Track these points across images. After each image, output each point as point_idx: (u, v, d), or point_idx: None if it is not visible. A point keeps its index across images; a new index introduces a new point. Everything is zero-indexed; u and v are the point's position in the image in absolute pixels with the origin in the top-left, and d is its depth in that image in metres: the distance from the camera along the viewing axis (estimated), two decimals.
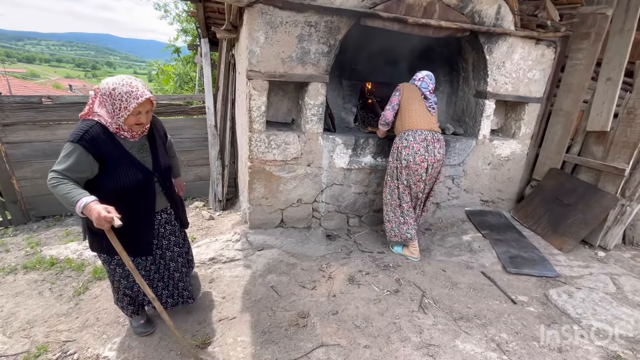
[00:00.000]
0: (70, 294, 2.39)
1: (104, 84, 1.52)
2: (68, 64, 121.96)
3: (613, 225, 3.00)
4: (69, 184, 1.44)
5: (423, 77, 2.73)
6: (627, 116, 2.91)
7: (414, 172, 2.60)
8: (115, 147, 1.58)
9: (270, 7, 2.40)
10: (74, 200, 1.40)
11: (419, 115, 2.61)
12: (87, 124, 1.53)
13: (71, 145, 1.47)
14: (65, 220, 3.86)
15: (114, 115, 1.53)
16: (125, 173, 1.60)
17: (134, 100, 1.50)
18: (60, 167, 1.45)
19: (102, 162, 1.53)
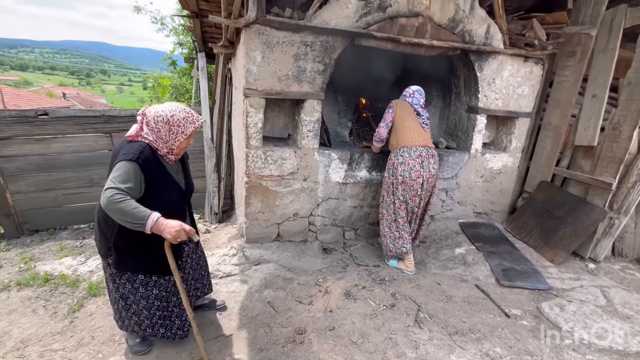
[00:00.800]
0: (65, 311, 2.37)
1: (160, 112, 1.59)
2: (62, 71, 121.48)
3: (602, 237, 3.08)
4: (131, 200, 1.45)
5: (413, 93, 2.79)
6: (613, 131, 3.01)
7: (410, 188, 2.65)
8: (162, 169, 1.64)
9: (267, 28, 2.46)
10: (144, 215, 1.44)
11: (413, 131, 2.67)
12: (140, 145, 1.57)
13: (129, 163, 1.50)
14: (59, 234, 3.83)
15: (170, 139, 1.61)
16: (166, 194, 1.66)
17: (191, 124, 1.62)
18: (123, 185, 1.46)
19: (148, 183, 1.58)
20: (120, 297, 1.79)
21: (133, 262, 1.70)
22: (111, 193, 1.42)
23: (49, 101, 18.12)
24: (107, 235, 1.66)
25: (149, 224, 1.44)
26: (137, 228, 1.46)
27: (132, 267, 1.70)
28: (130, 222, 1.44)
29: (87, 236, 3.73)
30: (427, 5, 2.76)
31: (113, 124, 3.86)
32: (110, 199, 1.41)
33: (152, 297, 1.81)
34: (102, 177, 3.94)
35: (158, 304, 1.83)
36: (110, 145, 3.94)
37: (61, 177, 3.82)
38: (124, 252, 1.66)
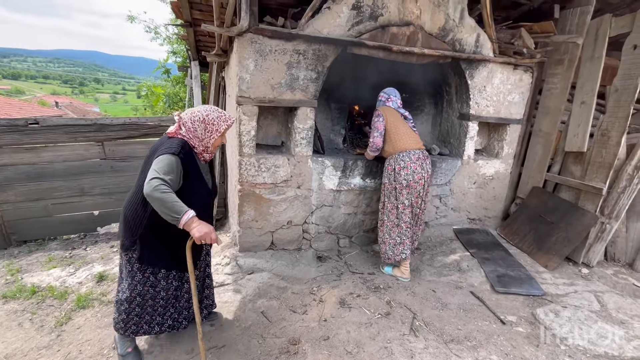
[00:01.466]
0: (52, 324, 2.31)
1: (196, 112, 1.71)
2: (55, 80, 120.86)
3: (594, 242, 3.10)
4: (173, 193, 1.52)
5: (389, 97, 2.86)
6: (602, 138, 3.06)
7: (414, 190, 2.67)
8: (196, 166, 1.72)
9: (260, 36, 2.48)
10: (182, 210, 1.50)
11: (408, 136, 2.72)
12: (180, 141, 1.66)
13: (172, 157, 1.58)
14: (48, 245, 3.75)
15: (205, 137, 1.72)
16: (198, 192, 1.73)
17: (224, 123, 1.74)
18: (167, 177, 1.53)
19: (184, 179, 1.65)
20: (138, 295, 1.80)
21: (157, 256, 1.75)
22: (157, 183, 1.49)
23: (41, 110, 17.95)
24: (133, 228, 1.70)
25: (184, 219, 1.50)
26: (171, 220, 1.52)
27: (155, 261, 1.76)
28: (166, 213, 1.50)
29: (76, 246, 3.66)
30: (418, 14, 2.81)
31: (105, 132, 3.83)
32: (156, 188, 1.47)
33: (172, 289, 1.87)
34: (93, 186, 3.89)
35: (174, 293, 1.89)
36: (102, 153, 3.90)
37: (51, 186, 3.76)
38: (149, 246, 1.72)
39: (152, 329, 1.92)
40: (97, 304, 2.51)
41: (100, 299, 2.56)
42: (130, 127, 3.92)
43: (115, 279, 2.86)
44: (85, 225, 4.00)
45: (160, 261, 1.77)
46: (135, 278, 1.78)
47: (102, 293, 2.64)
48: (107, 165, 3.92)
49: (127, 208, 1.74)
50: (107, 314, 2.41)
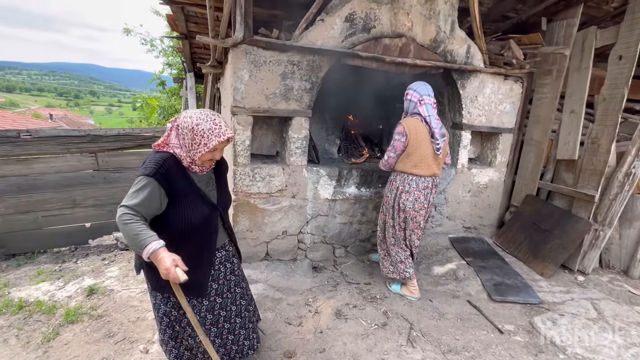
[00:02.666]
0: (39, 340, 2.24)
1: (187, 118, 1.46)
2: (50, 93, 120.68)
3: (589, 249, 3.11)
4: (139, 222, 1.36)
5: (422, 98, 2.43)
6: (592, 145, 3.11)
7: (413, 219, 2.51)
8: (187, 181, 1.51)
9: (254, 48, 2.51)
10: (143, 244, 1.33)
11: (426, 160, 2.44)
12: (162, 156, 1.46)
13: (145, 179, 1.40)
14: (38, 258, 3.67)
15: (191, 149, 1.47)
16: (192, 209, 1.52)
17: (216, 138, 1.44)
18: (132, 202, 1.37)
19: (171, 197, 1.46)
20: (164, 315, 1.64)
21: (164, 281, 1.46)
22: (120, 212, 1.36)
23: (35, 122, 17.86)
24: None
25: (145, 254, 1.33)
26: (138, 253, 1.37)
27: (162, 287, 1.55)
28: (131, 245, 1.37)
29: (67, 259, 3.58)
30: (410, 26, 2.87)
31: (98, 143, 3.81)
32: (119, 219, 1.35)
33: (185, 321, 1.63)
34: (86, 198, 3.84)
35: (190, 331, 1.65)
36: (95, 165, 3.87)
37: (42, 198, 3.71)
38: (152, 268, 1.48)
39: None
40: (87, 319, 2.44)
41: (90, 313, 2.49)
42: (124, 138, 3.91)
43: (106, 292, 2.80)
44: (77, 237, 3.94)
45: (166, 287, 1.51)
46: (158, 298, 1.62)
47: (92, 307, 2.57)
48: (100, 176, 3.89)
49: None
50: (96, 328, 2.35)
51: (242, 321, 1.79)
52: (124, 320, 2.43)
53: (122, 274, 3.11)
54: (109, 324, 2.39)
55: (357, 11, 2.70)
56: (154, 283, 1.57)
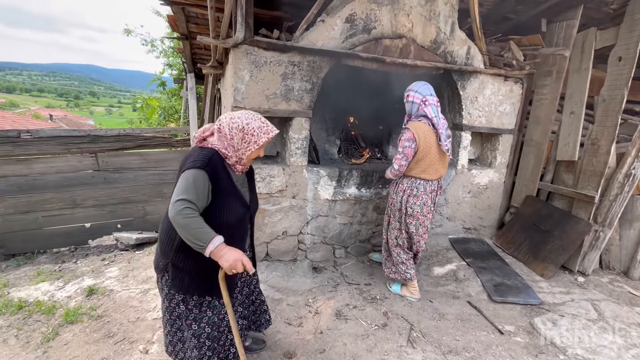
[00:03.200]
0: (39, 340, 2.23)
1: (235, 119, 1.49)
2: (50, 93, 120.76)
3: (589, 250, 3.11)
4: (199, 217, 1.37)
5: (425, 99, 2.37)
6: (592, 146, 3.11)
7: (421, 224, 2.50)
8: (229, 179, 1.53)
9: (255, 48, 2.51)
10: (208, 237, 1.35)
11: (434, 164, 2.42)
12: (209, 152, 1.47)
13: (197, 171, 1.40)
14: (38, 258, 3.66)
15: (241, 147, 1.50)
16: (231, 207, 1.54)
17: (265, 135, 1.50)
18: (190, 197, 1.37)
19: (214, 194, 1.47)
20: (178, 318, 1.63)
21: (189, 281, 1.55)
22: (182, 206, 1.34)
23: (35, 123, 17.87)
24: (166, 251, 1.55)
25: (210, 248, 1.35)
26: (196, 248, 1.37)
27: (187, 288, 1.55)
28: (190, 240, 1.36)
29: (66, 260, 3.58)
30: (410, 27, 2.88)
31: (99, 143, 3.81)
32: (180, 212, 1.34)
33: (205, 320, 1.61)
34: (86, 198, 3.84)
35: (209, 331, 1.62)
36: (96, 165, 3.87)
37: (42, 198, 3.71)
38: (181, 271, 1.54)
39: None
40: (86, 319, 2.44)
41: (90, 314, 2.49)
42: (124, 139, 3.92)
43: (106, 293, 2.80)
44: (77, 237, 3.94)
45: (192, 287, 1.55)
46: (173, 301, 1.60)
47: (91, 307, 2.57)
48: (100, 176, 3.89)
49: (161, 229, 1.59)
50: (96, 329, 2.34)
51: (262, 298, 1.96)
52: (123, 321, 2.42)
53: (121, 275, 3.11)
54: (109, 324, 2.39)
55: (358, 12, 2.70)
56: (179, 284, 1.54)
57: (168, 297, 1.60)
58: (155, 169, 4.11)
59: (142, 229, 4.14)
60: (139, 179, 4.06)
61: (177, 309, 1.61)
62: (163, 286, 1.61)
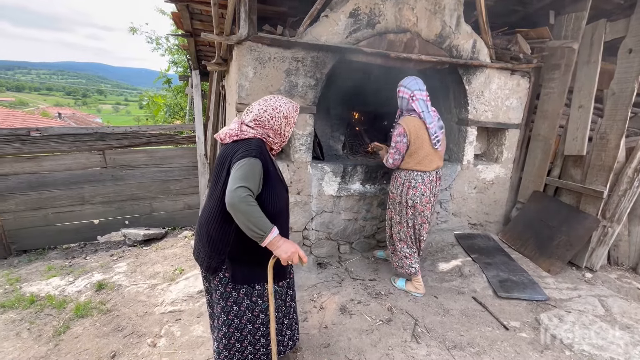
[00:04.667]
0: (50, 334, 2.29)
1: (276, 109, 1.55)
2: (58, 92, 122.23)
3: (597, 246, 3.07)
4: (257, 206, 1.38)
5: (414, 94, 2.41)
6: (600, 141, 3.06)
7: (420, 214, 2.53)
8: (274, 166, 1.59)
9: (259, 45, 2.51)
10: (267, 227, 1.37)
11: (429, 156, 2.48)
12: (257, 141, 1.51)
13: (254, 160, 1.43)
14: (48, 254, 3.74)
15: (285, 132, 1.61)
16: (279, 193, 1.58)
17: (296, 112, 1.64)
18: (250, 184, 1.38)
19: (265, 181, 1.49)
20: (235, 317, 1.60)
21: (249, 271, 1.56)
22: (245, 193, 1.35)
23: (44, 121, 18.12)
24: (219, 247, 1.52)
25: (270, 238, 1.37)
26: (254, 237, 1.39)
27: (248, 278, 1.56)
28: (250, 228, 1.36)
29: (76, 255, 3.65)
30: (415, 21, 2.84)
31: (106, 141, 3.86)
32: (243, 199, 1.34)
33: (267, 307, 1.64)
34: (94, 195, 3.90)
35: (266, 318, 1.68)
36: (103, 162, 3.92)
37: (52, 195, 3.78)
38: (240, 262, 1.54)
39: (255, 354, 1.69)
40: (96, 313, 2.49)
41: (99, 308, 2.55)
42: (131, 136, 3.96)
43: (115, 287, 2.85)
44: (86, 234, 4.01)
45: (253, 276, 1.56)
46: (230, 299, 1.58)
47: (101, 302, 2.63)
48: (108, 174, 3.95)
49: (210, 225, 1.53)
50: (105, 322, 2.39)
51: (295, 305, 1.93)
52: (132, 315, 2.47)
53: (130, 270, 3.16)
54: (118, 319, 2.44)
55: (362, 7, 2.68)
56: (240, 276, 1.55)
57: (225, 295, 1.57)
58: (161, 166, 4.15)
59: (149, 225, 4.19)
60: (146, 175, 4.11)
61: (238, 305, 1.58)
62: (217, 286, 1.57)
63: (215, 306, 1.64)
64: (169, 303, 2.58)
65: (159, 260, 3.35)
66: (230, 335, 1.62)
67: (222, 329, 1.61)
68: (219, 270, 1.55)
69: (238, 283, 1.56)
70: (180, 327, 2.31)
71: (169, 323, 2.36)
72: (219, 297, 1.59)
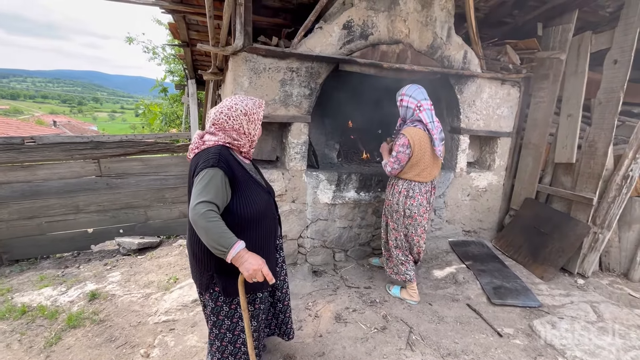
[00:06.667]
0: (42, 345, 2.26)
1: (231, 109, 1.49)
2: (54, 100, 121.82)
3: (588, 252, 3.11)
4: (221, 221, 1.33)
5: (420, 104, 2.38)
6: (589, 149, 3.13)
7: (418, 224, 2.55)
8: (242, 169, 1.52)
9: (254, 55, 2.56)
10: (230, 242, 1.31)
11: (428, 168, 2.48)
12: (217, 149, 1.44)
13: (212, 170, 1.36)
14: (40, 264, 3.70)
15: (251, 130, 1.54)
16: (255, 195, 1.52)
17: (260, 108, 1.57)
18: (210, 197, 1.33)
19: (234, 186, 1.44)
20: (227, 330, 1.59)
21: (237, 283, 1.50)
22: (204, 209, 1.31)
23: (39, 129, 18.01)
24: (205, 263, 1.49)
25: (232, 253, 1.31)
26: (217, 254, 1.34)
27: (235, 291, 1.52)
28: (211, 246, 1.32)
29: (69, 265, 3.61)
30: (407, 33, 2.92)
31: (101, 149, 3.86)
32: (203, 215, 1.30)
33: (261, 312, 1.67)
34: (88, 204, 3.88)
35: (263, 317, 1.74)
36: (98, 171, 3.91)
37: (46, 204, 3.75)
38: (228, 275, 1.48)
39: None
40: (89, 323, 2.47)
41: (92, 318, 2.52)
42: (126, 144, 3.96)
43: (108, 297, 2.83)
44: (79, 243, 3.97)
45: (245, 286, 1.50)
46: (221, 314, 1.56)
47: (94, 312, 2.60)
48: (102, 182, 3.94)
49: (193, 243, 1.51)
50: (98, 333, 2.37)
51: (289, 304, 1.97)
52: (125, 325, 2.45)
53: (124, 279, 3.14)
54: (111, 329, 2.41)
55: (355, 19, 2.75)
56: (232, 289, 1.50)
57: (216, 310, 1.56)
58: (156, 174, 4.15)
59: (144, 233, 4.17)
60: (141, 184, 4.10)
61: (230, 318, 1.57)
62: (208, 301, 1.56)
63: (207, 322, 1.64)
64: (163, 312, 2.56)
65: (153, 269, 3.33)
66: (223, 349, 1.62)
67: (214, 342, 1.62)
68: (210, 287, 1.54)
69: (230, 296, 1.53)
70: (174, 336, 2.29)
71: (162, 333, 2.34)
72: (210, 312, 1.59)
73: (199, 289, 1.61)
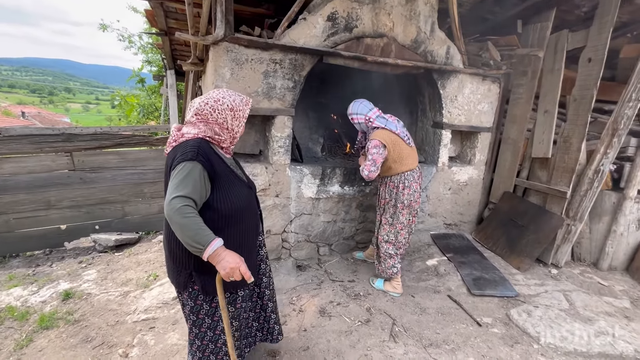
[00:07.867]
0: (11, 347, 2.15)
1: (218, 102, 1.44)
2: (22, 89, 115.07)
3: (562, 243, 3.25)
4: (198, 217, 1.28)
5: (368, 116, 2.56)
6: (564, 144, 3.24)
7: (413, 210, 2.64)
8: (223, 163, 1.47)
9: (236, 46, 2.48)
10: (206, 240, 1.26)
11: (410, 155, 2.60)
12: (196, 142, 1.38)
13: (190, 163, 1.31)
14: (9, 262, 3.51)
15: (234, 126, 1.49)
16: (235, 190, 1.48)
17: (247, 106, 1.53)
18: (186, 192, 1.28)
19: (213, 181, 1.40)
20: (208, 329, 1.56)
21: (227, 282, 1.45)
22: (180, 204, 1.25)
23: (6, 120, 17.05)
24: (183, 261, 1.44)
25: (209, 251, 1.27)
26: (193, 251, 1.30)
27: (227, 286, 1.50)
28: (187, 243, 1.28)
29: (41, 263, 3.45)
30: (391, 27, 2.91)
31: (74, 142, 3.68)
32: (178, 210, 1.25)
33: (243, 312, 1.64)
34: (61, 199, 3.70)
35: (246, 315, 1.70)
36: (71, 164, 3.73)
37: (14, 199, 3.55)
38: (207, 273, 1.43)
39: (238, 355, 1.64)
40: (63, 324, 2.36)
41: (66, 318, 2.42)
42: (102, 137, 3.79)
43: (84, 296, 2.72)
44: (51, 240, 3.79)
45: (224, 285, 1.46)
46: (201, 312, 1.53)
47: (68, 312, 2.49)
48: (76, 176, 3.76)
49: (170, 240, 1.45)
50: (72, 334, 2.27)
51: (273, 305, 1.89)
52: (102, 325, 2.36)
53: (100, 277, 3.02)
54: (87, 329, 2.32)
55: (339, 10, 2.71)
56: (210, 287, 1.46)
57: (195, 309, 1.52)
58: (134, 168, 4.00)
59: (121, 230, 4.02)
60: (118, 178, 3.94)
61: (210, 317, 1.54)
62: (187, 301, 1.52)
63: (186, 321, 1.59)
64: (143, 311, 2.49)
65: (132, 267, 3.23)
66: (204, 348, 1.58)
67: (194, 342, 1.58)
68: (188, 286, 1.49)
69: (210, 295, 1.50)
70: (155, 335, 2.23)
71: (142, 332, 2.27)
72: (189, 312, 1.54)
73: (176, 288, 1.55)
